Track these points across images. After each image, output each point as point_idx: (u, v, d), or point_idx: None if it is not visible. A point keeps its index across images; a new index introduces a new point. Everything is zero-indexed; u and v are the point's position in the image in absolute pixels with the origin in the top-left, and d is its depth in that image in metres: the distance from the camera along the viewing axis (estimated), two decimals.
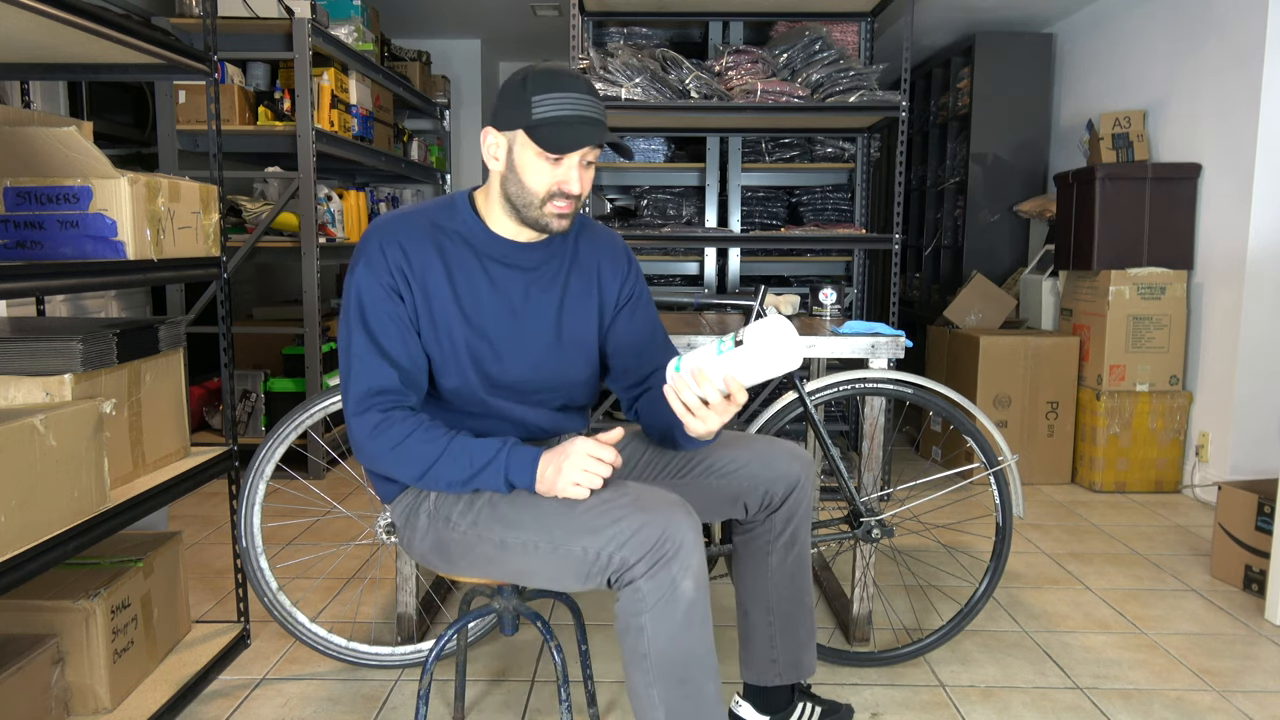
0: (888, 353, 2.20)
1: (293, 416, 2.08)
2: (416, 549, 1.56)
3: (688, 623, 1.34)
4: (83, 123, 2.08)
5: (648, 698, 1.37)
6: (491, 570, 1.49)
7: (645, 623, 1.34)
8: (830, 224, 3.93)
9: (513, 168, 1.48)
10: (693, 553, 1.33)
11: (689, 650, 1.35)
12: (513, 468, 1.41)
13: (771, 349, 1.33)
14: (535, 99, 1.43)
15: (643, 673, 1.36)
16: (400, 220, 1.51)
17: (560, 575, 1.41)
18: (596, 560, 1.36)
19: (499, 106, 1.48)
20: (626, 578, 1.34)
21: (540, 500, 1.41)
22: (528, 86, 1.44)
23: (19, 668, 1.65)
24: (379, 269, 1.46)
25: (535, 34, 5.74)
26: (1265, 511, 2.60)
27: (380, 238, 1.48)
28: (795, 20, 3.79)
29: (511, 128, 1.46)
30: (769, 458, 1.64)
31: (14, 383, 1.62)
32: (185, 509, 3.33)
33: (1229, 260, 3.52)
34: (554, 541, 1.39)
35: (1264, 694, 2.07)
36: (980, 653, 2.26)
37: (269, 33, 3.52)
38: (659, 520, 1.33)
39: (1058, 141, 4.85)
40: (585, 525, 1.36)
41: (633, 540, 1.32)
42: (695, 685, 1.36)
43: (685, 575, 1.32)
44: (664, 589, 1.32)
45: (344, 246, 3.99)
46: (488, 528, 1.44)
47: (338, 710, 1.97)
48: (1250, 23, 3.40)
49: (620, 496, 1.38)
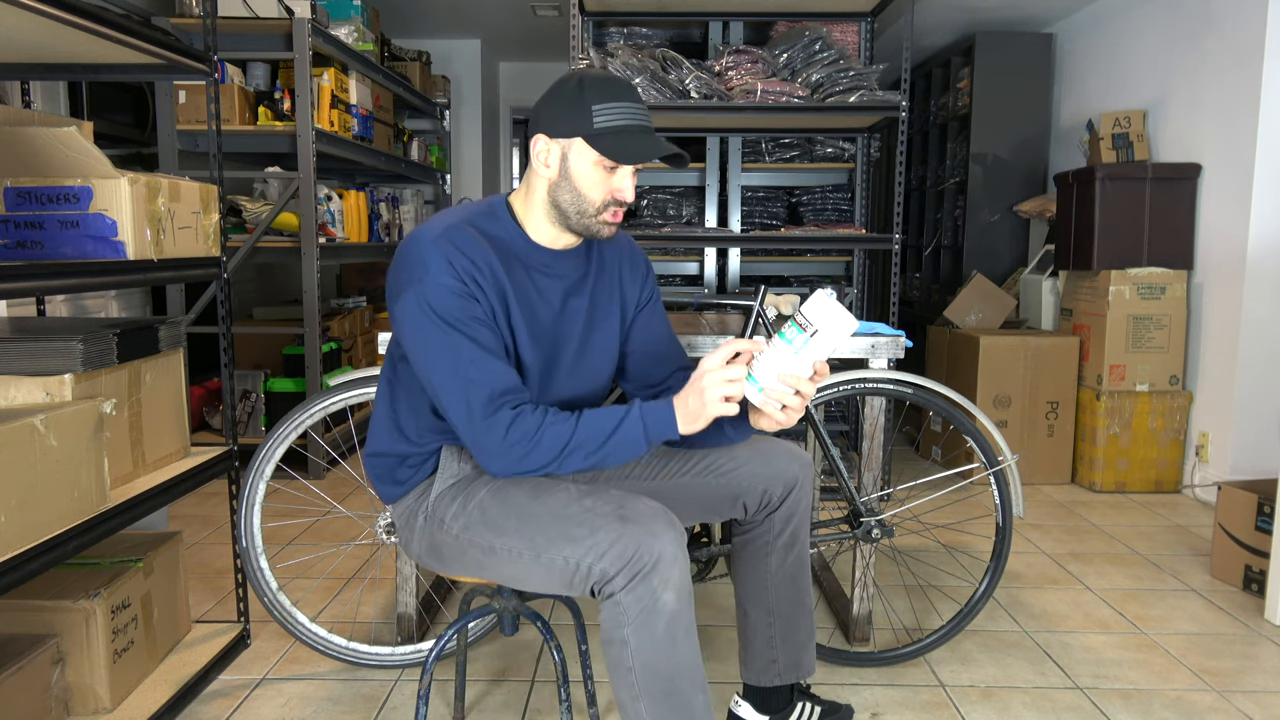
0: (888, 353, 2.20)
1: (293, 416, 2.08)
2: (414, 550, 1.57)
3: (671, 635, 1.32)
4: (83, 123, 2.08)
5: (634, 711, 1.35)
6: (481, 574, 1.50)
7: (628, 635, 1.32)
8: (830, 224, 3.93)
9: (567, 175, 1.46)
10: (673, 565, 1.31)
11: (675, 663, 1.33)
12: (650, 421, 1.38)
13: (839, 327, 1.35)
14: (596, 108, 1.42)
15: (629, 685, 1.35)
16: (456, 232, 1.43)
17: (546, 582, 1.41)
18: (577, 570, 1.35)
19: (552, 113, 1.45)
20: (607, 590, 1.33)
21: (526, 506, 1.41)
22: (585, 94, 1.43)
23: (19, 668, 1.65)
24: (451, 278, 1.39)
25: (535, 34, 5.74)
26: (1265, 511, 2.60)
27: (444, 250, 1.40)
28: (795, 20, 3.79)
29: (569, 135, 1.44)
30: (768, 457, 1.65)
31: (14, 383, 1.62)
32: (185, 509, 3.33)
33: (1229, 260, 3.52)
34: (536, 549, 1.39)
35: (1264, 694, 2.07)
36: (980, 653, 2.26)
37: (269, 33, 3.52)
38: (637, 532, 1.31)
39: (1058, 141, 4.85)
40: (566, 534, 1.36)
41: (610, 551, 1.32)
42: (683, 698, 1.35)
43: (666, 588, 1.30)
44: (644, 601, 1.30)
45: (344, 246, 3.99)
46: (477, 533, 1.45)
47: (338, 710, 1.97)
48: (1250, 22, 3.40)
49: (602, 505, 1.38)
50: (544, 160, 1.47)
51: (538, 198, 1.50)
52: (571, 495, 1.42)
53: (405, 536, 1.58)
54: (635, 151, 1.44)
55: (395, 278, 1.44)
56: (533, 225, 1.52)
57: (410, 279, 1.40)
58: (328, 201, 3.89)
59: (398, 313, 1.42)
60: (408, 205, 5.01)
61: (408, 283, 1.40)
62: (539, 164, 1.47)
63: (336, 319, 4.33)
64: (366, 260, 4.51)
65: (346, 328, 4.42)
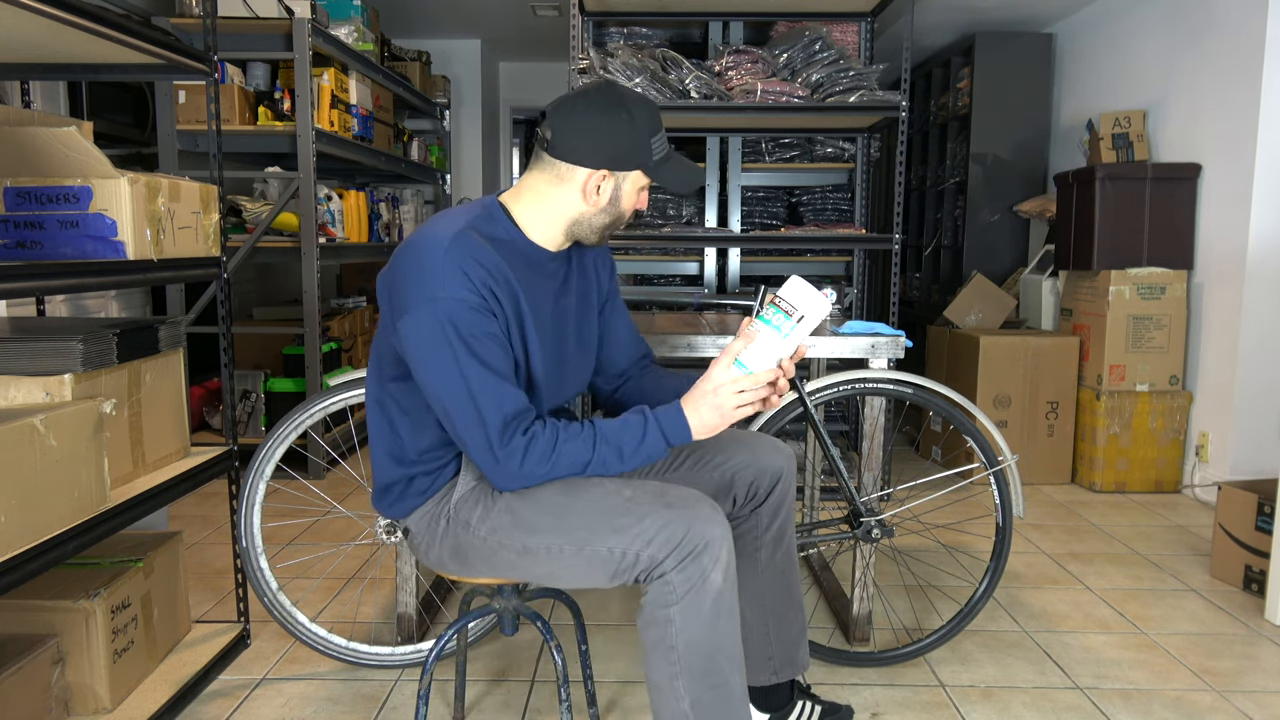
0: (888, 353, 2.20)
1: (293, 416, 2.08)
2: (435, 555, 1.54)
3: (715, 614, 1.36)
4: (83, 123, 2.08)
5: (672, 689, 1.38)
6: (514, 574, 1.50)
7: (674, 614, 1.36)
8: (830, 224, 3.93)
9: (614, 202, 1.47)
10: (721, 545, 1.36)
11: (716, 642, 1.37)
12: (669, 431, 1.42)
13: (819, 309, 1.43)
14: (653, 140, 1.45)
15: (669, 664, 1.37)
16: (465, 239, 1.39)
17: (587, 575, 1.43)
18: (623, 559, 1.37)
19: (612, 146, 1.43)
20: (657, 572, 1.36)
21: (562, 503, 1.42)
22: (638, 125, 1.43)
23: (19, 668, 1.65)
24: (468, 290, 1.35)
25: (535, 34, 5.74)
26: (1265, 511, 2.60)
27: (458, 260, 1.36)
28: (795, 20, 3.79)
29: (631, 168, 1.46)
30: (755, 449, 1.67)
31: (14, 383, 1.62)
32: (185, 509, 3.33)
33: (1229, 260, 3.52)
34: (579, 544, 1.40)
35: (1264, 694, 2.07)
36: (980, 653, 2.26)
37: (269, 33, 3.52)
38: (686, 516, 1.35)
39: (1058, 141, 4.85)
40: (610, 525, 1.38)
41: (659, 537, 1.35)
42: (722, 677, 1.38)
43: (715, 567, 1.35)
44: (693, 580, 1.34)
45: (344, 246, 3.99)
46: (508, 535, 1.44)
47: (338, 710, 1.97)
48: (1250, 22, 3.40)
49: (643, 494, 1.40)
50: (595, 190, 1.46)
51: (554, 212, 1.49)
52: (609, 489, 1.43)
53: (424, 543, 1.55)
54: (689, 179, 1.50)
55: (402, 290, 1.38)
56: (534, 229, 1.50)
57: (423, 294, 1.35)
58: (328, 201, 3.89)
59: (407, 329, 1.36)
60: (408, 205, 5.01)
61: (421, 298, 1.35)
62: (587, 196, 1.46)
63: (336, 319, 4.33)
64: (366, 260, 4.51)
65: (346, 328, 4.42)
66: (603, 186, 1.46)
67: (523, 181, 1.52)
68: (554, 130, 1.45)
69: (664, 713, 1.41)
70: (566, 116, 1.45)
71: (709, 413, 1.41)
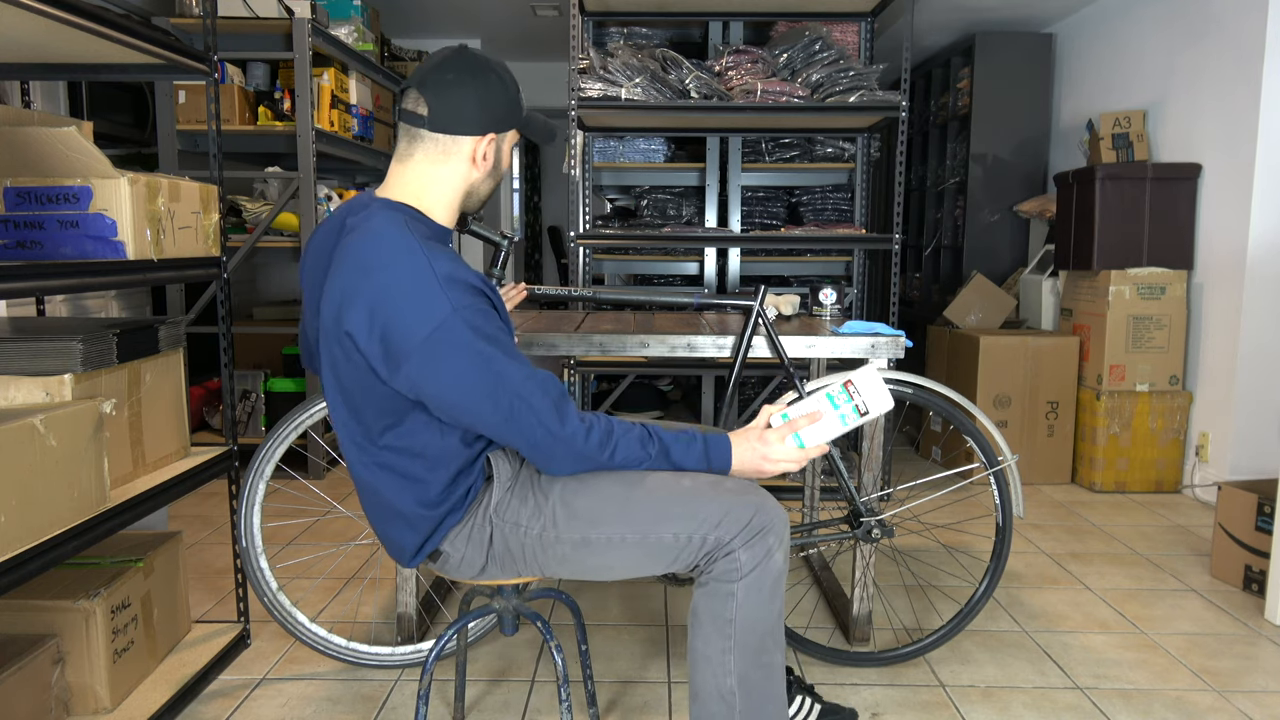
0: (888, 353, 2.20)
1: (293, 416, 2.08)
2: (474, 564, 1.48)
3: (774, 594, 1.42)
4: (83, 123, 2.07)
5: (721, 662, 1.42)
6: (562, 569, 1.50)
7: (737, 589, 1.40)
8: (830, 224, 3.93)
9: (497, 165, 1.50)
10: (784, 527, 1.43)
11: (769, 621, 1.43)
12: (713, 452, 1.48)
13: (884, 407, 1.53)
14: (519, 95, 1.49)
15: (724, 638, 1.41)
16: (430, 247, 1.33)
17: (643, 564, 1.46)
18: (689, 544, 1.42)
19: (493, 108, 1.44)
20: (723, 551, 1.41)
21: (622, 493, 1.44)
22: (508, 85, 1.47)
23: (19, 668, 1.65)
24: (469, 291, 1.32)
25: (535, 34, 5.74)
26: (1265, 511, 2.60)
27: (447, 265, 1.31)
28: (795, 20, 3.79)
29: (509, 128, 1.49)
30: None
31: (14, 383, 1.62)
32: (185, 509, 3.33)
33: (1229, 260, 3.52)
34: (642, 532, 1.42)
35: (1264, 694, 2.07)
36: (980, 653, 2.26)
37: (269, 33, 3.52)
38: (751, 499, 1.42)
39: (1058, 141, 4.85)
40: (674, 512, 1.42)
41: (726, 519, 1.40)
42: (769, 656, 1.44)
43: (780, 547, 1.42)
44: (759, 558, 1.40)
45: None
46: (565, 528, 1.44)
47: (338, 710, 1.97)
48: (1250, 22, 3.40)
49: (700, 483, 1.45)
50: (483, 156, 1.46)
51: (448, 188, 1.45)
52: (664, 479, 1.46)
53: (463, 557, 1.48)
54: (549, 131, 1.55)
55: (400, 332, 1.29)
56: (438, 212, 1.46)
57: (429, 321, 1.28)
58: (328, 201, 3.89)
59: (426, 365, 1.29)
60: None
61: (428, 327, 1.28)
62: (477, 162, 1.45)
63: None
64: None
65: None
66: (488, 151, 1.47)
67: (400, 171, 1.45)
68: (431, 106, 1.41)
69: (707, 686, 1.43)
70: (441, 89, 1.41)
71: (751, 461, 1.49)
